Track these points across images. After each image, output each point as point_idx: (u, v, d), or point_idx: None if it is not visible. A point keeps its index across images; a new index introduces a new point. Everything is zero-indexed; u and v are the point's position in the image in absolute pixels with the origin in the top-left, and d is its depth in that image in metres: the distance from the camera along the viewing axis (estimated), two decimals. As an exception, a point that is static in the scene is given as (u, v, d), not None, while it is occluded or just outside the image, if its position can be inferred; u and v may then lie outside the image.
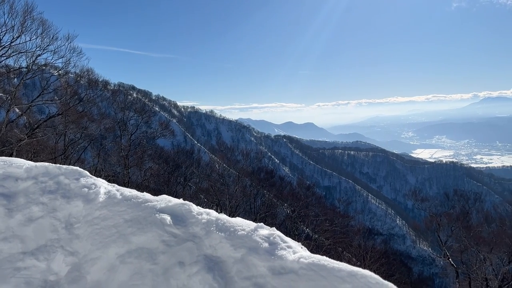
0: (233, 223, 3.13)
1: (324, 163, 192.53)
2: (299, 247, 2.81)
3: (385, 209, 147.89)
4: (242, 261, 2.80)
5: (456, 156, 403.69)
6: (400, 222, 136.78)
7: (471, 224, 26.75)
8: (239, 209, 28.75)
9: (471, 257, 23.66)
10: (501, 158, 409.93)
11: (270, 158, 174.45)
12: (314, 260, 2.48)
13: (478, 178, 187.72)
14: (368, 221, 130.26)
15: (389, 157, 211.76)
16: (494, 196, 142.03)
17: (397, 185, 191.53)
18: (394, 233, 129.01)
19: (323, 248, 26.12)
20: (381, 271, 24.31)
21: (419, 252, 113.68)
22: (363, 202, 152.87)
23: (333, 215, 38.87)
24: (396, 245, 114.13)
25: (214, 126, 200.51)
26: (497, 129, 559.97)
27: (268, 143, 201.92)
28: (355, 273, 2.26)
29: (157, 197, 3.79)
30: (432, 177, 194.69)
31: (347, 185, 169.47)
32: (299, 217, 30.08)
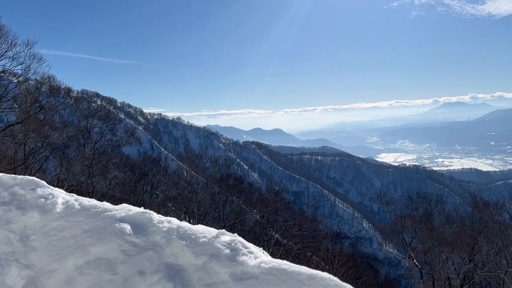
0: (195, 231, 3.10)
1: (292, 169, 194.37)
2: (260, 252, 2.81)
3: (352, 213, 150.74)
4: (204, 268, 2.77)
5: (418, 160, 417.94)
6: (366, 225, 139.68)
7: (433, 225, 27.58)
8: (208, 216, 28.51)
9: (434, 258, 24.36)
10: (461, 161, 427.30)
11: (239, 164, 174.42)
12: (275, 265, 2.49)
13: (439, 181, 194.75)
14: (336, 225, 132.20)
15: (355, 162, 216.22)
16: (455, 197, 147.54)
17: (363, 189, 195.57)
18: (361, 236, 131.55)
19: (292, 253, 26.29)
20: (348, 274, 24.71)
21: (386, 254, 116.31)
22: (331, 206, 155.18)
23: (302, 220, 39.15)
24: (363, 248, 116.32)
25: (181, 133, 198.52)
26: (456, 133, 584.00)
27: (237, 150, 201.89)
28: (314, 276, 2.29)
29: (117, 206, 3.71)
30: (397, 180, 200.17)
31: (315, 190, 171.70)
32: (268, 223, 30.10)
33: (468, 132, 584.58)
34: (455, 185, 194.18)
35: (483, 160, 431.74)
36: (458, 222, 28.25)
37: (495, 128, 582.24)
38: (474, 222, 26.98)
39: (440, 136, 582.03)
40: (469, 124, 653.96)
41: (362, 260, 45.94)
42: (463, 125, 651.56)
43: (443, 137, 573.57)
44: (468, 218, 28.54)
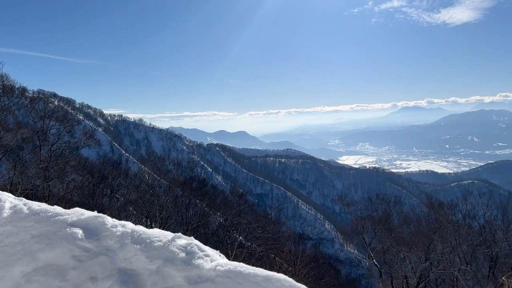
0: (150, 235, 3.03)
1: (256, 171, 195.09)
2: (217, 255, 2.78)
3: (315, 214, 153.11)
4: (158, 272, 2.71)
5: (378, 162, 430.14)
6: (328, 226, 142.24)
7: (392, 226, 28.32)
8: (170, 220, 28.03)
9: (393, 257, 25.03)
10: (418, 163, 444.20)
11: (203, 167, 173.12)
12: (231, 267, 2.48)
13: (398, 182, 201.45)
14: (299, 226, 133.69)
15: (317, 164, 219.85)
16: (412, 198, 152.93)
17: (325, 191, 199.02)
18: (323, 237, 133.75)
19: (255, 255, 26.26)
20: (311, 275, 25.00)
21: (347, 255, 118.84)
22: (294, 208, 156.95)
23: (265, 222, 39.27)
24: (326, 248, 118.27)
25: (143, 135, 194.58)
26: (414, 136, 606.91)
27: (201, 152, 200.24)
28: (270, 278, 2.29)
29: (69, 210, 3.56)
30: (357, 182, 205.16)
31: (278, 192, 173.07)
32: (232, 226, 29.95)
33: (424, 135, 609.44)
34: (412, 186, 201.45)
35: (438, 163, 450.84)
36: (415, 222, 29.15)
37: (449, 131, 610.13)
38: (430, 222, 27.91)
39: (398, 139, 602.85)
40: (426, 128, 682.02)
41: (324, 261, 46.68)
42: (420, 129, 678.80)
43: (401, 140, 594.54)
44: (424, 218, 29.49)
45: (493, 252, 23.26)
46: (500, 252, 23.31)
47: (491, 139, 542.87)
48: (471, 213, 27.31)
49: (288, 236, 35.19)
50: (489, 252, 23.58)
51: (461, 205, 28.23)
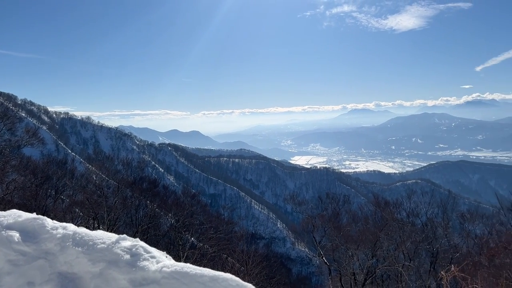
0: (93, 237, 2.91)
1: (210, 171, 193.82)
2: (163, 256, 2.72)
3: (267, 214, 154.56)
4: (101, 275, 2.61)
5: (328, 162, 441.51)
6: (281, 226, 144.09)
7: (341, 224, 29.09)
8: (119, 221, 27.22)
9: (342, 255, 25.73)
10: (366, 163, 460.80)
11: (154, 167, 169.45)
12: (177, 268, 2.43)
13: (347, 182, 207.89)
14: (251, 226, 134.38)
15: (270, 164, 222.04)
16: (361, 197, 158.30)
17: (277, 190, 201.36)
18: (275, 236, 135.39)
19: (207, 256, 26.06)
20: (262, 274, 25.17)
21: (298, 253, 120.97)
22: (247, 208, 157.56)
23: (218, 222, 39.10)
24: (277, 247, 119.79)
25: (91, 134, 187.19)
26: (362, 138, 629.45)
27: (152, 152, 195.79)
28: (216, 278, 2.27)
29: (5, 212, 3.33)
30: (309, 181, 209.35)
31: (232, 192, 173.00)
32: (183, 227, 29.53)
33: (372, 136, 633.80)
34: (360, 186, 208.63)
35: (385, 163, 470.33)
36: (363, 220, 30.08)
37: (395, 133, 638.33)
38: (377, 220, 28.92)
39: (348, 140, 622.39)
40: (373, 130, 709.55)
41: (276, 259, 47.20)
42: (368, 130, 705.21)
43: (350, 141, 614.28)
44: (371, 217, 30.48)
45: (434, 248, 24.51)
46: (440, 248, 24.60)
47: (433, 141, 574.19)
48: (414, 211, 28.57)
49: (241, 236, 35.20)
50: (431, 248, 24.81)
51: (405, 203, 29.44)
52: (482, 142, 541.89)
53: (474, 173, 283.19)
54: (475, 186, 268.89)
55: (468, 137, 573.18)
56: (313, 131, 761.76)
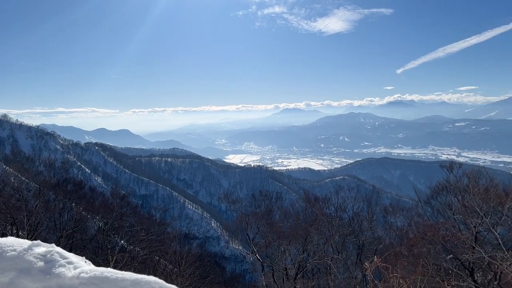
0: (2, 244, 2.64)
1: (141, 171, 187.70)
2: (82, 261, 2.54)
3: (201, 213, 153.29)
4: (11, 285, 2.37)
5: (262, 161, 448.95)
6: (215, 225, 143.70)
7: (273, 221, 29.58)
8: (41, 226, 25.43)
9: (274, 251, 26.19)
10: (297, 161, 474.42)
11: (80, 168, 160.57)
12: (96, 273, 2.28)
13: (279, 179, 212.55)
14: (185, 226, 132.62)
15: (204, 163, 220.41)
16: (292, 194, 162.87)
17: (212, 190, 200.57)
18: (209, 236, 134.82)
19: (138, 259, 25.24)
20: (196, 274, 24.89)
21: (232, 252, 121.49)
22: (180, 208, 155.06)
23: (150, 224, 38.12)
24: (211, 247, 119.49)
25: (8, 133, 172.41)
26: (293, 136, 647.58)
27: (78, 152, 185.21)
28: (139, 281, 2.16)
29: None
30: (243, 180, 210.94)
31: (164, 193, 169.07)
32: (112, 230, 28.36)
33: (303, 135, 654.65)
34: (292, 183, 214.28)
35: (315, 160, 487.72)
36: (294, 216, 30.81)
37: (324, 132, 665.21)
38: (307, 215, 29.81)
39: (280, 139, 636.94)
40: (304, 128, 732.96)
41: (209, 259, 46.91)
42: (299, 129, 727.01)
43: (282, 140, 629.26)
44: (302, 213, 31.33)
45: (360, 241, 25.83)
46: (365, 240, 25.97)
47: (359, 139, 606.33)
48: (342, 206, 29.85)
49: (173, 237, 34.55)
50: (357, 241, 26.11)
51: (333, 199, 30.64)
52: (402, 140, 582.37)
53: (395, 169, 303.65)
54: (396, 181, 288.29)
55: (390, 135, 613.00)
56: (247, 130, 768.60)
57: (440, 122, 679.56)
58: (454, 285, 13.48)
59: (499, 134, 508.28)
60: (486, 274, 15.12)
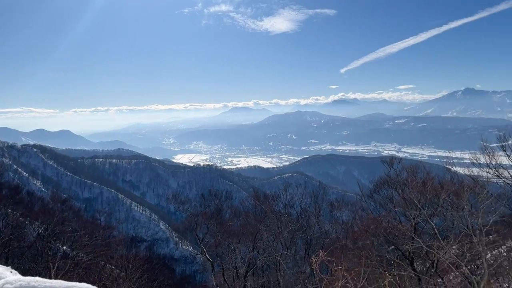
0: None
1: (83, 174, 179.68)
2: (7, 271, 2.34)
3: (149, 215, 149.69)
4: None
5: (211, 160, 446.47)
6: (163, 226, 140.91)
7: (223, 220, 29.54)
8: (-28, 236, 23.59)
9: (224, 250, 26.17)
10: (247, 159, 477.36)
11: (17, 171, 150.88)
12: (22, 284, 2.10)
13: (229, 178, 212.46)
14: (132, 229, 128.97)
15: (151, 164, 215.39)
16: (242, 192, 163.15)
17: (160, 191, 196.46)
18: (158, 238, 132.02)
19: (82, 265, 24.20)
20: (144, 277, 24.28)
21: (182, 253, 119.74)
22: (127, 210, 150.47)
23: (94, 228, 36.62)
24: (160, 249, 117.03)
25: None
26: (243, 135, 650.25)
27: (14, 154, 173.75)
28: (70, 290, 2.02)
29: None
30: (192, 180, 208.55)
31: (109, 195, 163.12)
32: (53, 235, 26.99)
33: (252, 133, 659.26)
34: (242, 181, 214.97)
35: (264, 158, 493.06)
36: (244, 215, 30.94)
37: (273, 130, 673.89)
38: (257, 213, 30.04)
39: (229, 138, 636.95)
40: (253, 127, 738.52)
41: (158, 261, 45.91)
42: (248, 128, 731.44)
43: (232, 138, 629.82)
44: (252, 210, 31.52)
45: (308, 236, 26.45)
46: (313, 235, 26.63)
47: (306, 137, 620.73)
48: (290, 202, 30.37)
49: (120, 241, 33.55)
50: (305, 236, 26.70)
51: (282, 196, 31.09)
52: (347, 137, 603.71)
53: (341, 165, 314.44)
54: (342, 176, 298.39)
55: (335, 133, 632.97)
56: (195, 129, 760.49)
57: (381, 119, 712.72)
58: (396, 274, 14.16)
59: (434, 131, 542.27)
60: (424, 262, 16.03)
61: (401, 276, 14.28)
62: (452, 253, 11.17)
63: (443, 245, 11.18)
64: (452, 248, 12.27)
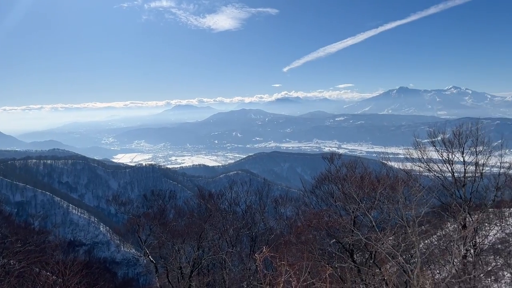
0: None
1: (15, 176, 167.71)
2: None
3: (88, 218, 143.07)
4: None
5: (154, 159, 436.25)
6: (104, 229, 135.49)
7: (167, 220, 28.98)
8: None
9: (168, 251, 25.72)
10: (192, 158, 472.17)
11: None
12: None
13: (173, 178, 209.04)
14: (70, 233, 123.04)
15: (90, 164, 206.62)
16: (187, 192, 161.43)
17: (99, 192, 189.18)
18: (98, 241, 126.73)
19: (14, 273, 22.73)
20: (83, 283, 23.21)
21: (124, 255, 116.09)
22: (64, 213, 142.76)
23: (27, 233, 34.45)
24: (101, 252, 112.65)
25: None
26: (187, 133, 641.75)
27: None
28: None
29: None
30: (134, 180, 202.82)
31: (44, 198, 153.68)
32: (-22, 244, 25.01)
33: (196, 132, 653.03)
34: (187, 180, 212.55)
35: (209, 157, 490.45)
36: (188, 214, 30.57)
37: (217, 128, 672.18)
38: (202, 212, 29.75)
39: (173, 136, 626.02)
40: (197, 125, 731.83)
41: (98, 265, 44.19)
42: (192, 126, 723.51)
43: (175, 137, 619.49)
44: (196, 210, 31.22)
45: (253, 233, 26.66)
46: (258, 232, 26.91)
47: (251, 134, 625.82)
48: (235, 200, 30.45)
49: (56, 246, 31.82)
50: (250, 233, 26.90)
51: (227, 194, 31.11)
52: (290, 135, 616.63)
53: (285, 162, 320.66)
54: (285, 173, 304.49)
55: (279, 130, 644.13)
56: (137, 128, 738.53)
57: (322, 117, 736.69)
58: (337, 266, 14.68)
59: (372, 127, 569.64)
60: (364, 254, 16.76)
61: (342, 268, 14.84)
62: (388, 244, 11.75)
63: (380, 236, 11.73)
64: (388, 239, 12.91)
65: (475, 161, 16.66)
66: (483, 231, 17.85)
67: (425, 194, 13.44)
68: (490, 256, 19.11)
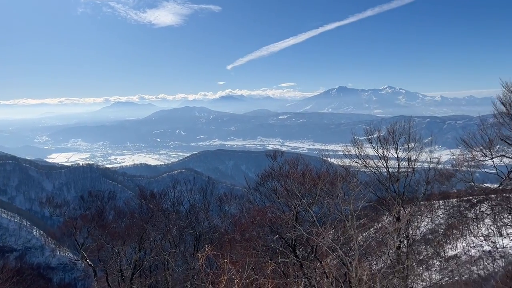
0: None
1: None
2: None
3: (20, 222, 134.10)
4: None
5: (92, 158, 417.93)
6: (37, 233, 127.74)
7: (106, 222, 27.91)
8: None
9: (108, 253, 24.81)
10: (132, 157, 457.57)
11: None
12: None
13: (113, 178, 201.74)
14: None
15: (21, 165, 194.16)
16: (128, 192, 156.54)
17: (32, 194, 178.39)
18: (31, 246, 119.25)
19: None
20: (13, 291, 21.80)
21: (60, 260, 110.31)
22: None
23: None
24: (34, 258, 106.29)
25: None
26: (127, 131, 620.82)
27: None
28: None
29: None
30: (70, 181, 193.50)
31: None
32: None
33: (137, 130, 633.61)
34: (127, 180, 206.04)
35: (151, 155, 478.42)
36: (129, 215, 29.66)
37: (160, 126, 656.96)
38: (143, 213, 28.98)
39: (112, 134, 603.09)
40: (138, 123, 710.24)
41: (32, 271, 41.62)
42: (133, 124, 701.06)
43: (115, 135, 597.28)
44: (137, 210, 30.36)
45: (197, 232, 26.40)
46: (202, 231, 26.69)
47: (195, 132, 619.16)
48: (179, 199, 29.97)
49: (-18, 253, 29.54)
50: (194, 232, 26.62)
51: (170, 193, 30.55)
52: (234, 133, 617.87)
53: (229, 160, 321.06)
54: (230, 171, 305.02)
55: (223, 128, 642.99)
56: (73, 126, 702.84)
57: (266, 115, 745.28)
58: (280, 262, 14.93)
59: (313, 125, 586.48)
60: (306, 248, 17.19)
61: (285, 263, 15.12)
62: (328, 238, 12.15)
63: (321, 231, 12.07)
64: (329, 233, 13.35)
65: (407, 157, 17.63)
66: (415, 223, 19.00)
67: (362, 189, 14.03)
68: (422, 246, 20.40)
